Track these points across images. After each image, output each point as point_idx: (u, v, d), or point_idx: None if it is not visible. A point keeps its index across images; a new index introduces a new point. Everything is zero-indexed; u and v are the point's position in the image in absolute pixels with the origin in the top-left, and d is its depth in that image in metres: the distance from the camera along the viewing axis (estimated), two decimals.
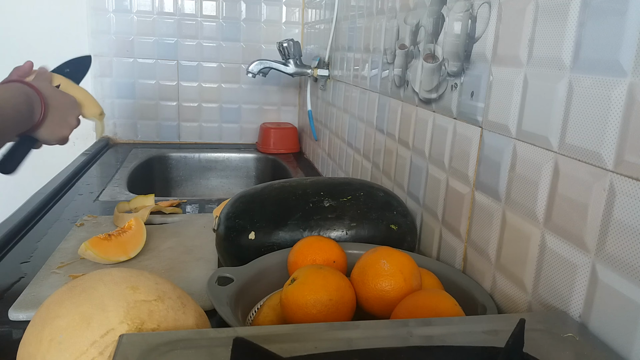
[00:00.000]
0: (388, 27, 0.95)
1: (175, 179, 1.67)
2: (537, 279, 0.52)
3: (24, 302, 0.65)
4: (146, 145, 1.74)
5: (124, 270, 0.47)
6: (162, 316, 0.44)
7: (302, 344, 0.39)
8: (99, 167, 1.44)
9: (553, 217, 0.50)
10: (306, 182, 0.75)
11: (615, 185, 0.42)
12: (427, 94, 0.78)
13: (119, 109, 1.75)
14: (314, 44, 1.62)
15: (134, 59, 1.72)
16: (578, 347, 0.41)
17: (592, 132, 0.45)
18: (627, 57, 0.41)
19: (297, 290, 0.52)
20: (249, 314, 0.59)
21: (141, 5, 1.68)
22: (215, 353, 0.38)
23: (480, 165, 0.63)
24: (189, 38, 1.74)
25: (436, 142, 0.75)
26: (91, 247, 0.75)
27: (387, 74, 0.95)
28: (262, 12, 1.77)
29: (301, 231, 0.69)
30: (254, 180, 1.73)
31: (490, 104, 0.61)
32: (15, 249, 0.85)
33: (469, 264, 0.66)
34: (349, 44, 1.21)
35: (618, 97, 0.42)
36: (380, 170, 0.99)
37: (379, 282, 0.54)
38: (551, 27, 0.50)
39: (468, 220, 0.66)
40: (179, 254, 0.82)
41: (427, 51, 0.78)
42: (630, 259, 0.41)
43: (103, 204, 1.11)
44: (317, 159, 1.57)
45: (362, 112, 1.10)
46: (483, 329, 0.43)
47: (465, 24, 0.67)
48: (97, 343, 0.40)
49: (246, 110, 1.84)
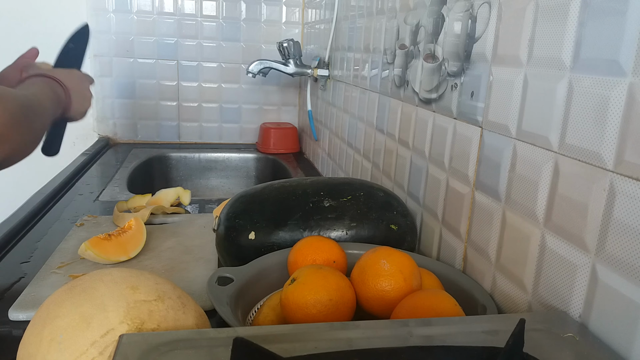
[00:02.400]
0: (388, 27, 0.95)
1: (175, 179, 1.67)
2: (537, 279, 0.52)
3: (24, 302, 0.65)
4: (146, 145, 1.74)
5: (124, 270, 0.47)
6: (162, 316, 0.44)
7: (302, 344, 0.39)
8: (99, 167, 1.44)
9: (553, 217, 0.50)
10: (306, 182, 0.75)
11: (615, 185, 0.42)
12: (427, 94, 0.78)
13: (119, 109, 1.75)
14: (314, 44, 1.62)
15: (134, 59, 1.72)
16: (578, 347, 0.41)
17: (592, 132, 0.45)
18: (627, 57, 0.41)
19: (297, 290, 0.52)
20: (249, 314, 0.59)
21: (141, 5, 1.68)
22: (215, 353, 0.38)
23: (480, 165, 0.63)
24: (189, 38, 1.74)
25: (436, 142, 0.75)
26: (91, 247, 0.75)
27: (387, 74, 0.95)
28: (262, 12, 1.77)
29: (301, 231, 0.69)
30: (254, 180, 1.73)
31: (490, 104, 0.61)
32: (15, 249, 0.85)
33: (469, 264, 0.66)
34: (349, 44, 1.21)
35: (618, 97, 0.42)
36: (380, 170, 0.99)
37: (379, 282, 0.54)
38: (551, 27, 0.50)
39: (468, 220, 0.66)
40: (179, 254, 0.82)
41: (427, 51, 0.78)
42: (630, 259, 0.41)
43: (103, 204, 1.11)
44: (317, 159, 1.57)
45: (362, 112, 1.10)
46: (483, 329, 0.43)
47: (465, 24, 0.67)
48: (97, 343, 0.40)
49: (246, 110, 1.84)
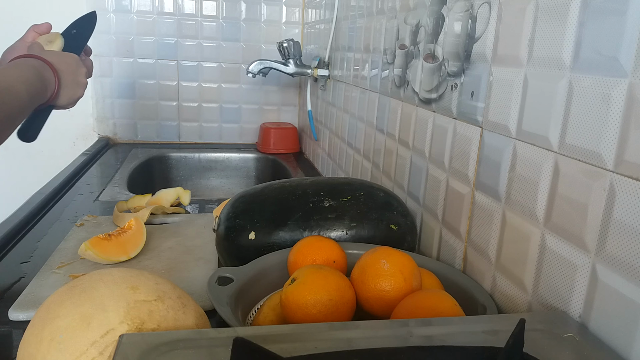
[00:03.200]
0: (388, 27, 0.95)
1: (175, 179, 1.67)
2: (537, 279, 0.52)
3: (24, 302, 0.65)
4: (146, 145, 1.74)
5: (124, 270, 0.47)
6: (162, 316, 0.44)
7: (302, 344, 0.39)
8: (99, 167, 1.44)
9: (553, 217, 0.50)
10: (306, 182, 0.75)
11: (615, 185, 0.42)
12: (427, 94, 0.78)
13: (119, 109, 1.75)
14: (314, 44, 1.62)
15: (134, 59, 1.72)
16: (578, 347, 0.41)
17: (592, 132, 0.45)
18: (627, 57, 0.41)
19: (297, 290, 0.52)
20: (249, 314, 0.59)
21: (141, 5, 1.68)
22: (215, 353, 0.38)
23: (480, 165, 0.63)
24: (189, 38, 1.74)
25: (436, 142, 0.75)
26: (91, 247, 0.75)
27: (387, 74, 0.95)
28: (262, 12, 1.77)
29: (301, 231, 0.69)
30: (254, 180, 1.73)
31: (490, 104, 0.61)
32: (15, 249, 0.85)
33: (469, 264, 0.66)
34: (349, 44, 1.21)
35: (618, 97, 0.42)
36: (380, 170, 0.99)
37: (379, 282, 0.54)
38: (551, 27, 0.50)
39: (468, 220, 0.66)
40: (179, 254, 0.82)
41: (427, 51, 0.78)
42: (630, 259, 0.41)
43: (103, 204, 1.11)
44: (317, 159, 1.57)
45: (362, 112, 1.10)
46: (483, 329, 0.43)
47: (465, 24, 0.67)
48: (97, 343, 0.40)
49: (246, 110, 1.84)
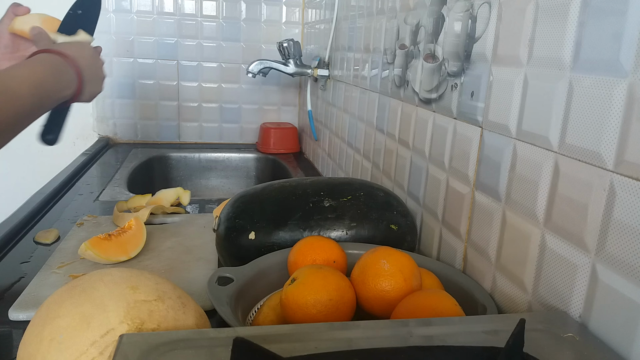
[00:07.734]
0: (388, 27, 0.95)
1: (175, 179, 1.67)
2: (537, 279, 0.52)
3: (24, 302, 0.65)
4: (146, 145, 1.74)
5: (124, 270, 0.47)
6: (162, 316, 0.44)
7: (302, 344, 0.39)
8: (99, 167, 1.44)
9: (553, 217, 0.50)
10: (306, 182, 0.75)
11: (615, 185, 0.42)
12: (427, 94, 0.78)
13: (119, 109, 1.75)
14: (314, 44, 1.62)
15: (134, 59, 1.72)
16: (578, 347, 0.41)
17: (592, 132, 0.45)
18: (627, 57, 0.41)
19: (297, 290, 0.52)
20: (249, 314, 0.59)
21: (141, 5, 1.68)
22: (215, 353, 0.38)
23: (480, 165, 0.63)
24: (189, 38, 1.74)
25: (436, 142, 0.75)
26: (91, 247, 0.75)
27: (387, 74, 0.95)
28: (262, 12, 1.77)
29: (301, 231, 0.69)
30: (254, 180, 1.73)
31: (490, 104, 0.61)
32: (15, 249, 0.85)
33: (469, 264, 0.66)
34: (349, 44, 1.21)
35: (618, 97, 0.42)
36: (380, 170, 0.99)
37: (379, 282, 0.54)
38: (551, 27, 0.50)
39: (468, 220, 0.66)
40: (179, 254, 0.82)
41: (427, 51, 0.78)
42: (630, 259, 0.41)
43: (103, 204, 1.11)
44: (317, 159, 1.57)
45: (362, 112, 1.10)
46: (483, 329, 0.43)
47: (465, 24, 0.67)
48: (97, 343, 0.40)
49: (246, 110, 1.84)
